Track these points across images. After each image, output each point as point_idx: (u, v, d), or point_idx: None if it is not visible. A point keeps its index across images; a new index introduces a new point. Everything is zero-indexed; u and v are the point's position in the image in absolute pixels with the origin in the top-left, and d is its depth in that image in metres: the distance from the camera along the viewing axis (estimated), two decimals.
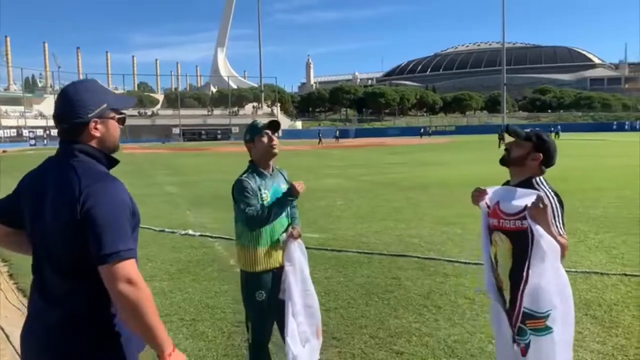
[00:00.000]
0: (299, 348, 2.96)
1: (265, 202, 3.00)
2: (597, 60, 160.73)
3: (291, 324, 2.98)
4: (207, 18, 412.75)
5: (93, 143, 1.78)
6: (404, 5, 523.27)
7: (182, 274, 5.94)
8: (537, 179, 2.59)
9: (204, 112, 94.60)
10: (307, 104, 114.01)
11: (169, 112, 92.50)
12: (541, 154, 2.56)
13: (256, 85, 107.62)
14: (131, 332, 1.70)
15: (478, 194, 2.67)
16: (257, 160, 3.10)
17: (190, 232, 8.25)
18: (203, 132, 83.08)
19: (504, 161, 2.65)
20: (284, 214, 3.17)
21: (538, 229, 2.35)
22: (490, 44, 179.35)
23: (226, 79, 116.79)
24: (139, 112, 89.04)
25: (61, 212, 1.67)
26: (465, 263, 6.18)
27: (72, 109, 1.75)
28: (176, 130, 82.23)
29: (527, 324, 2.43)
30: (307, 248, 3.23)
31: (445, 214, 9.49)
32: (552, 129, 53.70)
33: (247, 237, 3.01)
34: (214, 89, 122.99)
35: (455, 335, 4.11)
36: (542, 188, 2.52)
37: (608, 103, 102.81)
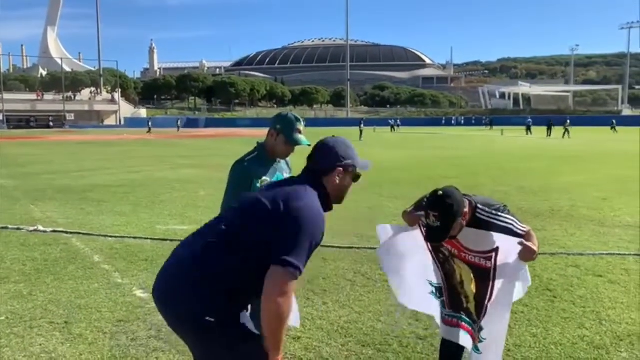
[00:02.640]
0: None
1: None
2: (428, 61, 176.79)
3: None
4: None
5: (328, 185, 2.13)
6: None
7: (40, 274, 5.30)
8: (479, 210, 2.52)
9: (33, 96, 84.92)
10: (152, 91, 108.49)
11: None
12: (464, 209, 2.45)
13: (94, 69, 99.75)
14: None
15: (413, 219, 2.72)
16: (267, 148, 2.98)
17: (41, 227, 7.38)
18: (32, 119, 74.72)
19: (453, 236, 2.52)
20: None
21: (508, 273, 2.46)
22: (334, 41, 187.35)
23: (58, 60, 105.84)
24: None
25: (271, 209, 1.96)
26: (340, 247, 6.40)
27: (326, 156, 2.16)
28: None
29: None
30: (177, 240, 3.08)
31: None
32: (392, 121, 58.34)
33: None
34: (43, 72, 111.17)
35: (346, 316, 4.25)
36: (490, 217, 2.52)
37: (437, 100, 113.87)
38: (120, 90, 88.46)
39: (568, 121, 40.50)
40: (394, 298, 3.04)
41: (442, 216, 2.38)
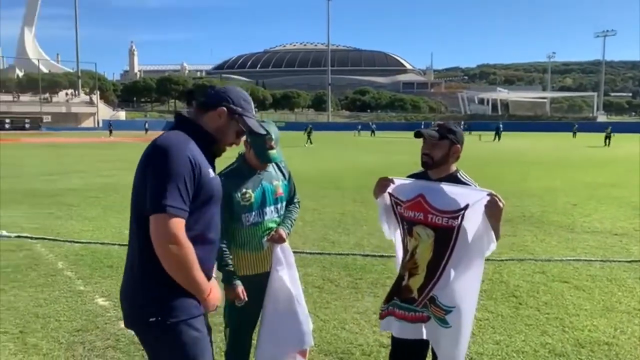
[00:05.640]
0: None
1: (247, 203, 2.75)
2: (408, 66, 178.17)
3: (262, 342, 2.82)
4: None
5: (209, 124, 1.97)
6: None
7: None
8: (461, 173, 2.60)
9: (9, 98, 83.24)
10: (131, 94, 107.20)
11: None
12: (459, 146, 2.56)
13: (72, 71, 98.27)
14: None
15: (386, 184, 2.64)
16: (248, 159, 2.83)
17: (5, 233, 7.20)
18: (7, 120, 73.14)
19: (428, 165, 2.57)
20: (274, 215, 2.88)
21: (473, 230, 2.38)
22: (316, 45, 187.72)
23: (35, 61, 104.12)
24: None
25: (140, 166, 1.87)
26: (310, 253, 6.36)
27: (215, 92, 2.00)
28: None
29: (431, 306, 2.49)
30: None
31: None
32: (373, 125, 59.20)
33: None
34: (20, 73, 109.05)
35: (310, 324, 4.19)
36: (473, 183, 2.57)
37: (417, 105, 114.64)
38: (98, 92, 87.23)
39: (609, 128, 37.99)
40: None
41: (442, 126, 2.56)
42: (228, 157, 3.30)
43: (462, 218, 2.40)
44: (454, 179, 2.55)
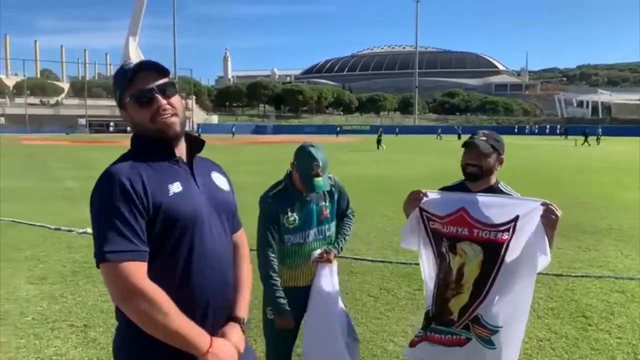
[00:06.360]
0: None
1: (291, 226, 2.72)
2: (501, 67, 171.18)
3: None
4: (119, 4, 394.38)
5: (138, 127, 1.65)
6: (322, 5, 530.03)
7: (76, 276, 5.54)
8: (502, 185, 2.49)
9: (113, 102, 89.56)
10: (224, 98, 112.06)
11: (75, 101, 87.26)
12: (503, 156, 2.47)
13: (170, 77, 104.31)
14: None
15: (418, 197, 2.47)
16: (294, 180, 2.77)
17: (89, 230, 7.75)
18: (112, 123, 78.95)
19: (475, 176, 2.43)
20: (318, 236, 2.82)
21: (524, 243, 2.23)
22: (404, 48, 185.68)
23: None
24: (41, 101, 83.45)
25: None
26: (371, 261, 6.26)
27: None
28: (82, 121, 77.74)
29: (474, 327, 2.34)
30: None
31: None
32: (458, 129, 57.94)
33: None
34: None
35: (359, 334, 4.09)
36: (514, 193, 2.44)
37: (510, 108, 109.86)
38: (194, 97, 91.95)
39: None
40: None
41: (489, 136, 2.44)
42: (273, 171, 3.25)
43: (513, 231, 2.23)
44: (495, 191, 2.41)
